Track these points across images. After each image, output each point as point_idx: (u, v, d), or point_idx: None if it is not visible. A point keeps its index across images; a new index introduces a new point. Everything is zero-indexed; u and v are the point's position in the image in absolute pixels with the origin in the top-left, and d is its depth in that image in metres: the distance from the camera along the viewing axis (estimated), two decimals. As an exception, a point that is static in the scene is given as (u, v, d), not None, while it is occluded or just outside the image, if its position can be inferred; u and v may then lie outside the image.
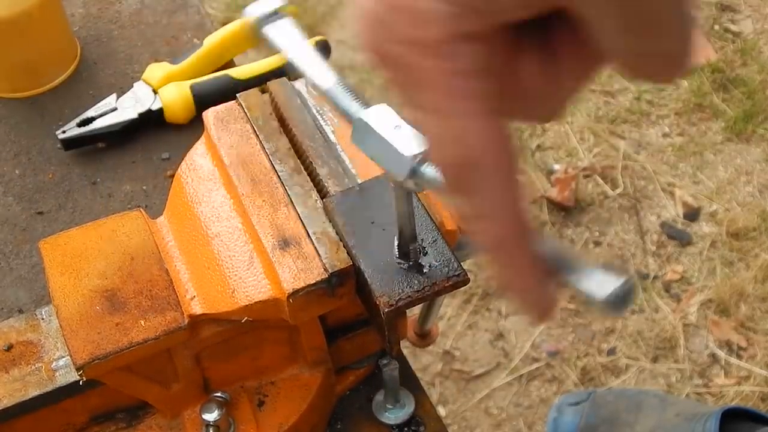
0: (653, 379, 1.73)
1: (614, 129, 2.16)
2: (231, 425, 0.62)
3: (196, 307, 0.58)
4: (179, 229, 0.63)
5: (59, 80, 0.95)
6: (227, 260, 0.59)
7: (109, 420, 0.64)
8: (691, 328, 1.81)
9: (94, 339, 0.56)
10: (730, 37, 2.39)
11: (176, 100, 0.89)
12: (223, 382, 0.64)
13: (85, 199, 0.85)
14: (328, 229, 0.59)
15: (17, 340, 0.61)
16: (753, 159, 2.11)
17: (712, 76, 2.26)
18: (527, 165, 2.08)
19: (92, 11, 1.03)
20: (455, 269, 0.55)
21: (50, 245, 0.61)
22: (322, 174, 0.62)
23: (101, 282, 0.59)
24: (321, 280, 0.56)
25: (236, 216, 0.62)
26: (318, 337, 0.63)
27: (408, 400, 0.69)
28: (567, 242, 1.94)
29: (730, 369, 1.75)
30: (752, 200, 2.02)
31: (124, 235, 0.62)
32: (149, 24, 1.01)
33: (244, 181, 0.62)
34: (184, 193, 0.64)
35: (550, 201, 2.00)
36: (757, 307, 1.83)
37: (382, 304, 0.54)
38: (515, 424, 1.67)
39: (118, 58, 0.98)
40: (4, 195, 0.86)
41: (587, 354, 1.76)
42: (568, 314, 1.82)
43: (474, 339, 1.79)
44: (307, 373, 0.65)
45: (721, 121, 2.18)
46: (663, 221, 1.98)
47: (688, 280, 1.88)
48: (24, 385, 0.59)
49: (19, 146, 0.90)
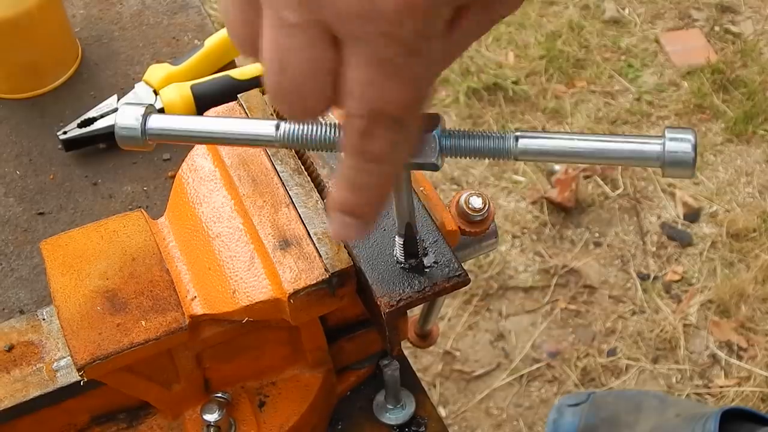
0: (653, 380, 1.73)
1: (614, 130, 2.16)
2: (232, 426, 0.63)
3: (197, 308, 0.58)
4: (180, 229, 0.63)
5: (60, 81, 0.95)
6: (228, 261, 0.60)
7: (110, 420, 0.64)
8: (691, 328, 1.81)
9: (95, 339, 0.56)
10: (731, 39, 2.39)
11: (177, 101, 0.89)
12: (224, 383, 0.64)
13: (86, 200, 0.85)
14: (328, 229, 0.59)
15: (18, 340, 0.61)
16: (753, 160, 2.11)
17: (713, 77, 2.26)
18: (527, 166, 2.08)
19: (93, 12, 1.03)
20: (456, 270, 0.55)
21: (51, 246, 0.61)
22: (323, 174, 0.63)
23: (102, 282, 0.59)
24: (322, 280, 0.56)
25: (237, 216, 0.62)
26: (319, 337, 0.63)
27: (409, 401, 0.69)
28: (568, 244, 1.94)
29: (731, 370, 1.75)
30: (752, 201, 2.02)
31: (125, 235, 0.62)
32: (150, 25, 1.01)
33: (245, 181, 0.62)
34: (185, 194, 0.64)
35: (550, 202, 2.00)
36: (758, 307, 1.83)
37: (383, 305, 0.54)
38: (515, 424, 1.67)
39: (119, 59, 0.98)
40: (5, 196, 0.86)
41: (587, 354, 1.76)
42: (568, 315, 1.82)
43: (474, 339, 1.79)
44: (308, 374, 0.65)
45: (721, 122, 2.18)
46: (663, 222, 1.98)
47: (689, 281, 1.88)
48: (25, 385, 0.59)
49: (21, 147, 0.90)
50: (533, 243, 1.94)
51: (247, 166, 0.63)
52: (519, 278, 1.88)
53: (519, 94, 2.23)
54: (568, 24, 2.39)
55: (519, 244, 1.94)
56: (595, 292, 1.86)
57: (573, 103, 2.22)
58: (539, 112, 2.20)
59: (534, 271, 1.89)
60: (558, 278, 1.88)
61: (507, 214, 1.99)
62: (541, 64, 2.29)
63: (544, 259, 1.92)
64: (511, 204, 2.01)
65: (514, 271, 1.89)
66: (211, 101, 0.80)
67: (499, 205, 2.00)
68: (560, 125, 2.17)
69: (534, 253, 1.93)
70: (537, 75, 2.28)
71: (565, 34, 2.36)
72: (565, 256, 1.92)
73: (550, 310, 1.84)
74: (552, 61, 2.30)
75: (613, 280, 1.88)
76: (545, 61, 2.30)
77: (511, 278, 1.88)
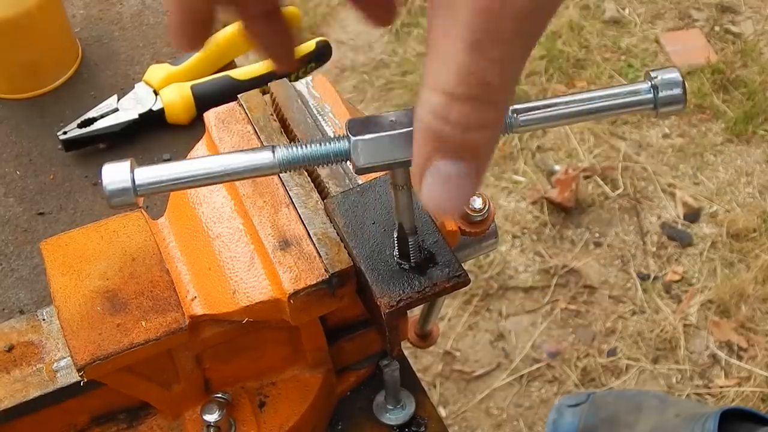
0: (654, 380, 1.73)
1: (614, 130, 2.16)
2: (232, 426, 0.63)
3: (197, 308, 0.58)
4: (180, 229, 0.63)
5: (60, 81, 0.95)
6: (228, 261, 0.60)
7: (110, 420, 0.64)
8: (691, 328, 1.81)
9: (95, 340, 0.56)
10: (731, 39, 2.39)
11: (177, 101, 0.89)
12: (224, 383, 0.64)
13: (86, 200, 0.85)
14: (328, 229, 0.59)
15: (18, 340, 0.61)
16: (753, 160, 2.11)
17: (713, 77, 2.26)
18: (528, 166, 2.08)
19: (93, 12, 1.03)
20: (456, 270, 0.55)
21: (51, 246, 0.61)
22: (323, 174, 0.63)
23: (102, 283, 0.59)
24: (322, 280, 0.56)
25: (237, 217, 0.62)
26: (319, 337, 0.63)
27: (409, 401, 0.69)
28: (568, 244, 1.94)
29: (731, 370, 1.75)
30: (752, 201, 2.02)
31: (125, 235, 0.62)
32: (150, 25, 1.01)
33: (245, 181, 0.62)
34: (185, 194, 0.64)
35: (550, 202, 2.00)
36: (758, 307, 1.83)
37: (383, 305, 0.54)
38: (516, 424, 1.67)
39: (119, 59, 0.98)
40: (5, 196, 0.86)
41: (588, 355, 1.76)
42: (568, 315, 1.82)
43: (474, 340, 1.79)
44: (307, 374, 0.65)
45: (721, 122, 2.18)
46: (663, 222, 1.98)
47: (689, 281, 1.88)
48: (25, 385, 0.59)
49: (20, 147, 0.90)
50: (533, 243, 1.94)
51: (247, 166, 0.63)
52: (519, 278, 1.88)
53: (519, 94, 2.23)
54: (568, 24, 2.39)
55: (519, 244, 1.94)
56: (595, 292, 1.86)
57: (573, 103, 2.22)
58: (539, 112, 2.20)
59: (534, 271, 1.89)
60: (558, 278, 1.88)
61: (507, 214, 1.99)
62: (541, 64, 2.29)
63: (544, 259, 1.91)
64: (511, 204, 2.01)
65: (514, 271, 1.89)
66: (211, 101, 0.80)
67: (499, 205, 2.00)
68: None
69: (534, 253, 1.93)
70: (537, 75, 2.28)
71: (565, 34, 2.36)
72: (565, 256, 1.92)
73: (550, 310, 1.84)
74: (552, 61, 2.30)
75: (613, 280, 1.88)
76: (545, 61, 2.30)
77: (511, 278, 1.88)
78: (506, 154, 2.11)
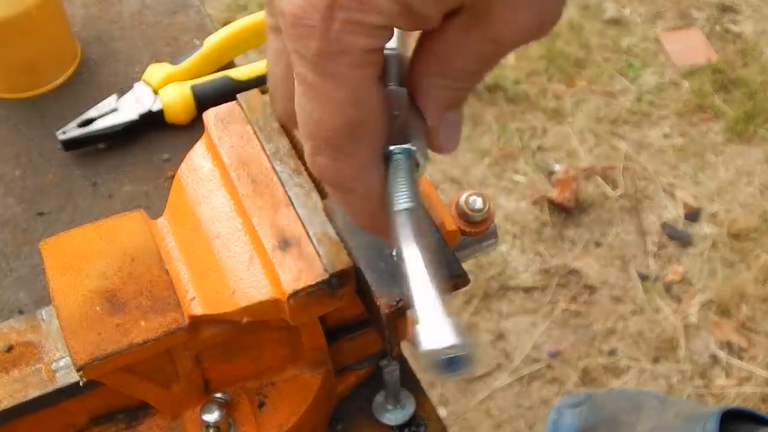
0: (654, 380, 1.73)
1: (615, 130, 2.16)
2: (231, 426, 0.62)
3: (197, 308, 0.58)
4: (179, 229, 0.63)
5: (59, 81, 0.95)
6: (227, 261, 0.59)
7: (109, 421, 0.64)
8: (691, 328, 1.81)
9: (94, 340, 0.56)
10: (731, 38, 2.39)
11: (177, 101, 0.89)
12: (224, 383, 0.64)
13: (85, 200, 0.85)
14: (328, 229, 0.59)
15: (17, 340, 0.61)
16: (754, 160, 2.11)
17: (713, 77, 2.26)
18: (528, 166, 2.08)
19: (93, 12, 1.03)
20: (456, 270, 0.55)
21: (50, 246, 0.61)
22: (323, 175, 0.62)
23: (101, 283, 0.59)
24: (321, 280, 0.56)
25: (236, 217, 0.62)
26: (318, 337, 0.63)
27: (408, 401, 0.69)
28: (568, 244, 1.94)
29: (731, 370, 1.75)
30: (753, 201, 2.02)
31: (124, 235, 0.62)
32: (150, 24, 1.01)
33: (245, 181, 0.62)
34: (184, 194, 0.64)
35: (550, 202, 2.00)
36: (758, 308, 1.83)
37: (383, 305, 0.54)
38: (516, 425, 1.67)
39: (119, 58, 0.98)
40: (4, 196, 0.86)
41: (588, 355, 1.76)
42: (568, 315, 1.82)
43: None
44: (307, 374, 0.65)
45: (721, 121, 2.18)
46: (664, 222, 1.98)
47: (689, 281, 1.88)
48: (24, 385, 0.59)
49: (20, 147, 0.90)
50: (534, 243, 1.94)
51: (247, 166, 0.63)
52: (519, 278, 1.88)
53: (519, 93, 2.23)
54: (568, 24, 2.39)
55: (519, 244, 1.94)
56: (596, 292, 1.86)
57: (573, 103, 2.22)
58: (539, 111, 2.20)
59: (534, 272, 1.89)
60: (558, 278, 1.88)
61: (507, 214, 1.99)
62: (542, 63, 2.29)
63: (545, 259, 1.91)
64: (511, 204, 2.01)
65: (515, 271, 1.89)
66: (211, 101, 0.80)
67: (499, 205, 2.00)
68: (561, 125, 2.17)
69: (534, 253, 1.93)
70: (537, 75, 2.28)
71: (565, 34, 2.36)
72: (566, 256, 1.92)
73: (550, 310, 1.83)
74: (552, 60, 2.30)
75: (614, 281, 1.88)
76: (545, 60, 2.30)
77: (511, 278, 1.88)
78: (506, 153, 2.11)
